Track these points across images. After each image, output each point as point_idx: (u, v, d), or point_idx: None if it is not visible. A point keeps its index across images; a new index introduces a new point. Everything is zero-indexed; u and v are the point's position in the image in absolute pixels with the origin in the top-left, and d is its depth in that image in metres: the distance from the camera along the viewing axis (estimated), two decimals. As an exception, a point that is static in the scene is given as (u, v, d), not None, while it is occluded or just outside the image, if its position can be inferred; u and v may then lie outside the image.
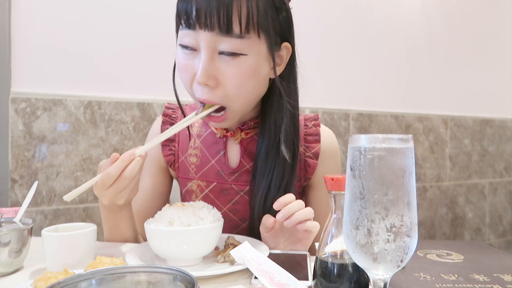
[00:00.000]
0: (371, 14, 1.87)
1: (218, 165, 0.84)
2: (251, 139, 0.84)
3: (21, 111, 1.22)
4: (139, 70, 1.38)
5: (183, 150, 0.87)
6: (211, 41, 0.67)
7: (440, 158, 2.08)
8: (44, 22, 1.26)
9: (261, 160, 0.79)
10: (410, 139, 0.40)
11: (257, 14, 0.67)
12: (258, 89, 0.75)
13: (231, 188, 0.84)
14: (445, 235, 2.10)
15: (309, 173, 0.86)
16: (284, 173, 0.78)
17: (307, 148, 0.86)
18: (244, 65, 0.69)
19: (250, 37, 0.68)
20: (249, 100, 0.75)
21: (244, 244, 0.62)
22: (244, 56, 0.68)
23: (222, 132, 0.84)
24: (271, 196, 0.77)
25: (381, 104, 1.90)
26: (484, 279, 0.56)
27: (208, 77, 0.68)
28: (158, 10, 1.39)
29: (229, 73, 0.69)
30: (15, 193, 1.21)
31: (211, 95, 0.71)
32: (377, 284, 0.42)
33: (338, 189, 0.50)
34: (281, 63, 0.78)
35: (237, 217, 0.85)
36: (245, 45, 0.68)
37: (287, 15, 0.75)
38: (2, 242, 0.62)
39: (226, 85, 0.70)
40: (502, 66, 2.29)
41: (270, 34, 0.70)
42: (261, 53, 0.71)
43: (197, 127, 0.88)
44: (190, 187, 0.87)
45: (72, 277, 0.42)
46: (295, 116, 0.80)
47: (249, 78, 0.70)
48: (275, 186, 0.77)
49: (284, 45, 0.76)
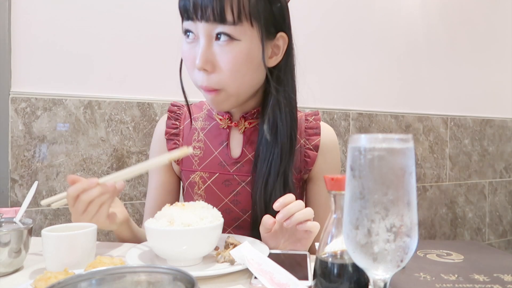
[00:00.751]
0: (371, 14, 1.87)
1: (220, 156, 0.87)
2: (254, 129, 0.88)
3: (21, 111, 1.22)
4: (139, 70, 1.38)
5: (187, 144, 0.91)
6: (207, 30, 0.74)
7: (440, 158, 2.08)
8: (44, 22, 1.26)
9: (262, 146, 0.83)
10: (410, 139, 0.40)
11: (248, 4, 0.73)
12: (253, 75, 0.79)
13: (233, 179, 0.86)
14: (445, 235, 2.10)
15: (309, 164, 0.89)
16: (282, 159, 0.81)
17: (307, 140, 0.89)
18: (238, 50, 0.74)
19: (243, 25, 0.73)
20: (244, 84, 0.79)
21: (244, 244, 0.62)
22: (238, 42, 0.74)
23: (227, 123, 0.88)
24: (271, 181, 0.80)
25: (381, 104, 1.90)
26: (484, 279, 0.56)
27: (205, 62, 0.74)
28: (158, 10, 1.39)
29: (224, 58, 0.75)
30: (15, 193, 1.21)
31: (208, 81, 0.76)
32: (377, 284, 0.41)
33: (338, 189, 0.50)
34: (278, 52, 0.82)
35: (239, 208, 0.87)
36: (238, 31, 0.73)
37: (281, 6, 0.79)
38: (2, 242, 0.62)
39: (222, 69, 0.75)
40: (502, 66, 2.29)
41: (261, 22, 0.75)
42: (254, 40, 0.76)
43: (201, 121, 0.92)
44: (193, 179, 0.89)
45: (72, 277, 0.42)
46: (291, 103, 0.84)
47: (242, 63, 0.75)
48: (274, 171, 0.81)
49: (280, 35, 0.80)
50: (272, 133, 0.81)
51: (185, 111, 0.94)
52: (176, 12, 0.77)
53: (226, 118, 0.88)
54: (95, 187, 0.68)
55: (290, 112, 0.83)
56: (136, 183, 1.36)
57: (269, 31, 0.78)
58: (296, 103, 0.86)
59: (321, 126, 0.91)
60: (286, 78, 0.83)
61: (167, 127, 0.93)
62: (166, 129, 0.92)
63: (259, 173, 0.82)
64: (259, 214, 0.80)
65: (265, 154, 0.82)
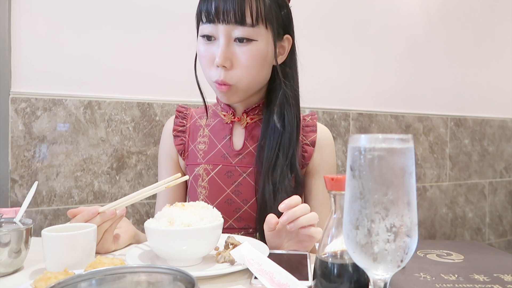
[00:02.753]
0: (371, 14, 1.87)
1: (224, 149, 0.94)
2: (255, 125, 0.95)
3: (21, 111, 1.22)
4: (139, 70, 1.38)
5: (193, 140, 0.99)
6: (228, 31, 0.82)
7: (440, 158, 2.08)
8: (44, 22, 1.26)
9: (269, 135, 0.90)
10: (410, 139, 0.40)
11: (264, 9, 0.82)
12: (263, 72, 0.88)
13: (235, 170, 0.92)
14: (445, 235, 2.10)
15: (306, 158, 0.96)
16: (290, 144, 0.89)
17: (305, 136, 0.97)
18: (256, 49, 0.84)
19: (260, 27, 0.83)
20: (255, 80, 0.87)
21: (244, 244, 0.62)
22: (255, 42, 0.83)
23: (230, 118, 0.96)
24: (279, 164, 0.87)
25: (381, 104, 1.90)
26: (484, 279, 0.56)
27: (225, 59, 0.83)
28: (158, 11, 1.39)
29: (242, 56, 0.83)
30: (15, 193, 1.21)
31: (226, 76, 0.84)
32: (377, 284, 0.41)
33: (338, 189, 0.50)
34: (284, 52, 0.92)
35: (240, 199, 0.92)
36: (256, 33, 0.83)
37: (288, 11, 0.90)
38: (2, 242, 0.62)
39: (239, 66, 0.84)
40: (502, 66, 2.29)
41: (274, 25, 0.85)
42: (268, 41, 0.85)
43: (206, 118, 1.01)
44: (197, 172, 0.95)
45: (72, 277, 0.42)
46: (296, 95, 0.93)
47: (258, 61, 0.84)
48: (283, 155, 0.88)
49: (286, 37, 0.91)
50: (280, 122, 0.89)
51: (192, 112, 1.04)
52: (176, 13, 0.78)
53: (229, 113, 0.96)
54: (96, 217, 0.71)
55: (296, 103, 0.92)
56: (136, 183, 1.36)
57: (279, 33, 0.88)
58: (299, 95, 0.94)
59: (317, 125, 0.99)
60: (291, 73, 0.93)
61: (174, 124, 1.01)
62: (174, 127, 1.01)
63: (266, 158, 0.88)
64: (267, 196, 0.86)
65: (272, 142, 0.89)
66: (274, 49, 0.86)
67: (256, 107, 0.95)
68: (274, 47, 0.86)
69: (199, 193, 0.93)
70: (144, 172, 1.37)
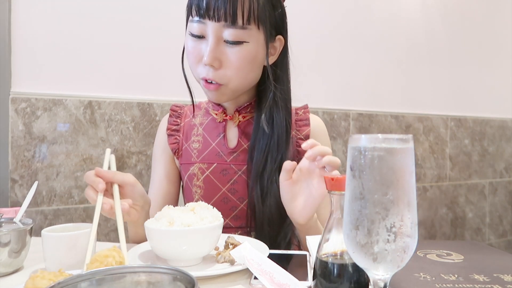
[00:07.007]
0: (371, 14, 1.87)
1: (218, 147, 0.93)
2: (248, 122, 0.94)
3: (21, 111, 1.22)
4: (139, 70, 1.38)
5: (186, 139, 0.97)
6: (217, 30, 0.79)
7: (440, 158, 2.08)
8: (44, 22, 1.26)
9: (259, 137, 0.88)
10: (410, 139, 0.40)
11: (257, 9, 0.79)
12: (253, 73, 0.86)
13: (230, 168, 0.91)
14: (445, 235, 2.10)
15: (301, 153, 0.95)
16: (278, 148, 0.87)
17: (298, 131, 0.95)
18: (246, 51, 0.81)
19: (251, 28, 0.80)
20: (245, 81, 0.85)
21: (244, 244, 0.62)
22: (246, 43, 0.80)
23: (222, 116, 0.94)
24: (268, 169, 0.85)
25: (381, 104, 1.90)
26: (484, 279, 0.56)
27: (213, 59, 0.80)
28: (158, 11, 1.39)
29: (232, 57, 0.81)
30: (15, 193, 1.21)
31: (214, 75, 0.82)
32: (377, 284, 0.41)
33: (338, 189, 0.50)
34: (275, 53, 0.89)
35: (236, 197, 0.91)
36: (247, 34, 0.80)
37: (281, 12, 0.87)
38: (2, 242, 0.62)
39: (228, 66, 0.81)
40: (502, 66, 2.29)
41: (266, 26, 0.82)
42: (259, 42, 0.82)
43: (200, 117, 0.98)
44: (192, 171, 0.93)
45: (72, 277, 0.42)
46: (286, 98, 0.91)
47: (248, 62, 0.82)
48: (271, 159, 0.86)
49: (278, 37, 0.88)
50: (269, 125, 0.87)
51: (185, 110, 1.01)
52: (175, 13, 0.78)
53: (220, 112, 0.95)
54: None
55: (285, 106, 0.90)
56: (136, 183, 1.36)
57: (271, 33, 0.85)
58: (290, 98, 0.92)
59: (310, 117, 0.97)
60: (282, 75, 0.90)
61: (168, 123, 0.99)
62: (168, 126, 0.99)
63: (256, 161, 0.87)
64: (255, 201, 0.85)
65: (262, 144, 0.87)
66: (265, 50, 0.84)
67: (248, 105, 0.94)
68: (266, 48, 0.83)
69: (194, 193, 0.93)
70: (144, 172, 1.37)
